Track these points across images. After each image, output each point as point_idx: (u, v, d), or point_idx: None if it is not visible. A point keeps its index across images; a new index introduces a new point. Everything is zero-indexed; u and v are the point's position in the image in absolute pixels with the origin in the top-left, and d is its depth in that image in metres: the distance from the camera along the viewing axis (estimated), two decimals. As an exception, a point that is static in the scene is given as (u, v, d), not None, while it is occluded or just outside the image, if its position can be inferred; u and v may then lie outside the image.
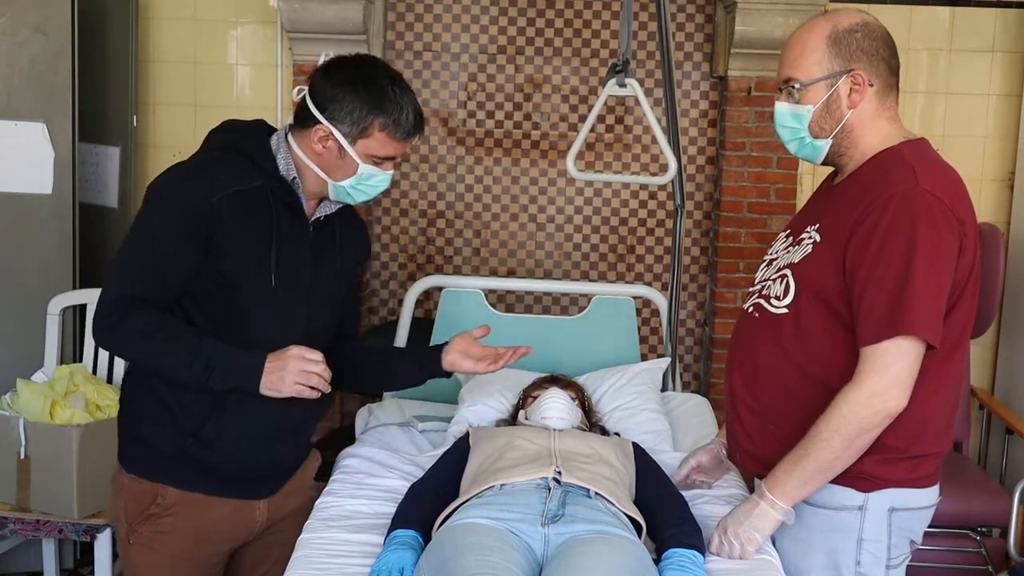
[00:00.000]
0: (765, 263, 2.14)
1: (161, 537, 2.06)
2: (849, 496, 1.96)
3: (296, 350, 1.98)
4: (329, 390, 2.04)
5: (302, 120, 2.03)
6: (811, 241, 1.98)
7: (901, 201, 1.83)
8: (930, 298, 1.82)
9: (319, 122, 1.99)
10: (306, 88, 2.05)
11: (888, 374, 1.83)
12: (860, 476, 1.94)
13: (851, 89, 1.93)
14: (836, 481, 1.94)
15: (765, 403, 2.03)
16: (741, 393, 2.08)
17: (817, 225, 1.99)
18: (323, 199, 2.10)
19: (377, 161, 2.02)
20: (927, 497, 2.01)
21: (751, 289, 2.14)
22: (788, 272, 1.99)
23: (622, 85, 2.71)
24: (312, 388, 1.99)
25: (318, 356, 1.99)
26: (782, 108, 1.99)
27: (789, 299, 1.97)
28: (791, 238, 2.08)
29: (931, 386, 1.90)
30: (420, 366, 2.29)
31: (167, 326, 1.95)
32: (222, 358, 1.95)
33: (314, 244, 2.09)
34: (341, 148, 1.99)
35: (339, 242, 2.15)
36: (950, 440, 2.04)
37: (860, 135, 1.97)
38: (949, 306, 1.87)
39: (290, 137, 2.06)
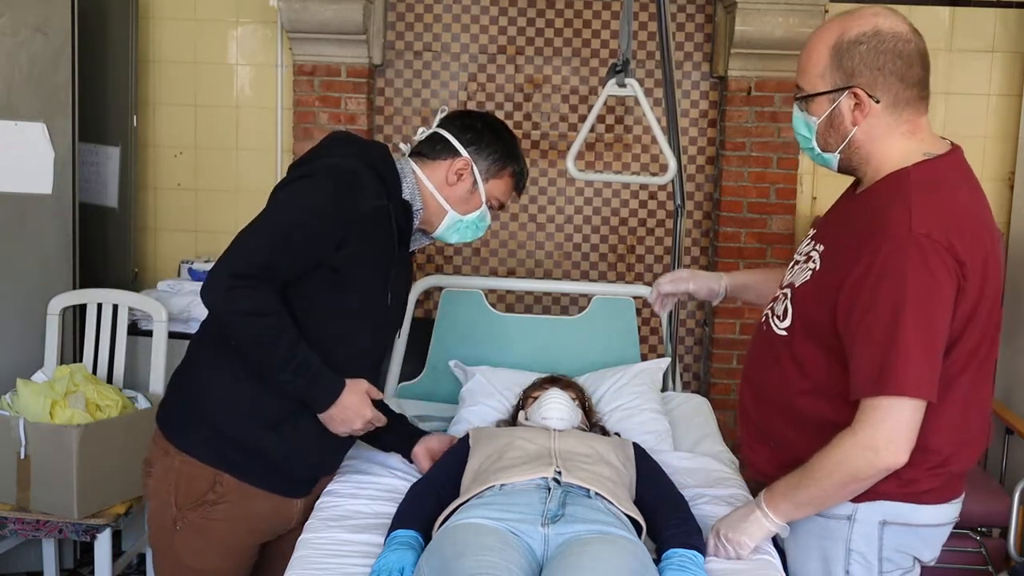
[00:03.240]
0: (792, 264, 2.06)
1: (214, 524, 2.11)
2: (839, 505, 1.93)
3: (369, 414, 2.12)
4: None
5: (431, 154, 2.19)
6: (812, 268, 1.93)
7: (892, 247, 1.74)
8: (920, 352, 1.74)
9: (459, 155, 2.17)
10: (428, 129, 2.23)
11: (883, 428, 1.76)
12: None
13: (854, 105, 1.83)
14: None
15: (766, 419, 2.03)
16: (748, 405, 2.08)
17: (822, 247, 1.94)
18: (416, 231, 2.24)
19: (493, 205, 2.22)
20: (932, 515, 1.95)
21: (775, 295, 2.08)
22: (788, 292, 1.97)
23: (622, 85, 2.71)
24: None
25: (377, 415, 2.15)
26: (797, 115, 1.93)
27: (788, 323, 1.95)
28: (813, 242, 2.01)
29: (928, 420, 1.81)
30: (399, 440, 2.42)
31: (284, 315, 1.99)
32: (312, 368, 2.02)
33: (403, 270, 2.26)
34: (475, 183, 2.16)
35: (410, 269, 2.37)
36: (963, 462, 1.95)
37: (870, 151, 1.86)
38: (950, 343, 1.80)
39: (415, 166, 2.18)
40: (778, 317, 1.98)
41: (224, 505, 2.10)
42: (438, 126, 2.22)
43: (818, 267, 1.91)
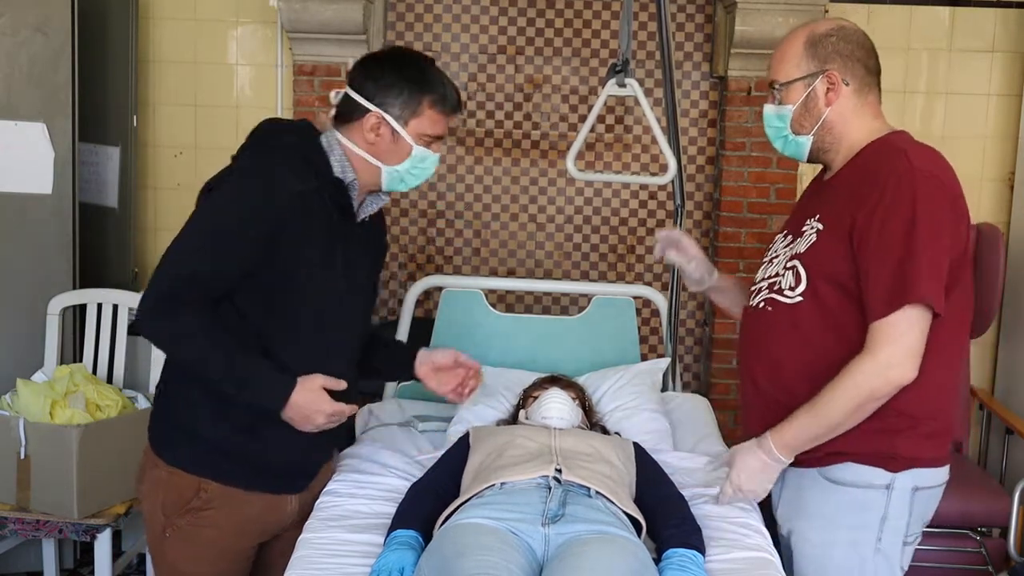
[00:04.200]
0: (766, 261, 2.19)
1: (201, 530, 2.10)
2: (878, 476, 2.00)
3: (329, 408, 2.05)
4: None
5: (347, 116, 2.09)
6: (814, 231, 2.03)
7: (899, 179, 1.91)
8: (932, 267, 1.88)
9: (368, 111, 2.06)
10: (343, 89, 2.11)
11: (902, 344, 1.89)
12: (891, 456, 1.98)
13: (828, 88, 2.04)
14: (865, 461, 2.00)
15: (788, 389, 2.04)
16: (762, 385, 2.10)
17: (817, 216, 2.05)
18: (367, 197, 2.17)
19: (428, 141, 2.10)
20: (942, 475, 2.07)
21: (754, 287, 2.16)
22: (797, 263, 2.04)
23: (622, 85, 2.71)
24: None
25: (345, 410, 2.09)
26: (769, 110, 2.12)
27: (803, 287, 2.02)
28: (790, 236, 2.13)
29: (942, 355, 1.96)
30: (400, 366, 2.39)
31: (213, 331, 1.98)
32: (255, 376, 2.00)
33: (362, 243, 2.18)
34: (394, 132, 2.07)
35: (375, 238, 2.25)
36: (957, 414, 2.13)
37: (842, 131, 2.06)
38: (950, 281, 1.92)
39: (339, 136, 2.11)
40: (789, 288, 2.04)
41: (211, 511, 2.09)
42: (348, 83, 2.11)
43: (821, 228, 2.02)
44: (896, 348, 1.89)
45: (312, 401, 2.04)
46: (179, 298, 1.95)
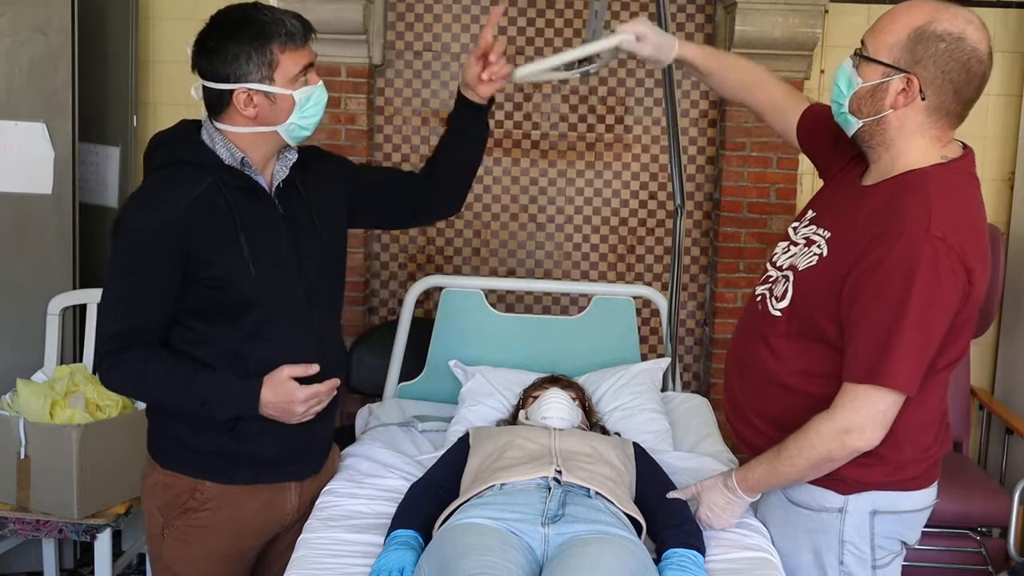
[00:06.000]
0: (788, 242, 2.09)
1: (197, 531, 2.11)
2: (830, 498, 1.98)
3: (301, 395, 2.03)
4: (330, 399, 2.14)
5: (217, 104, 2.03)
6: (818, 253, 1.95)
7: (907, 244, 1.78)
8: (915, 351, 1.80)
9: (232, 91, 1.99)
10: (199, 83, 2.05)
11: (863, 415, 1.85)
12: (839, 478, 1.95)
13: (902, 89, 1.83)
14: (817, 482, 1.98)
15: (748, 396, 2.08)
16: (732, 370, 2.14)
17: (829, 234, 1.96)
18: (275, 164, 2.11)
19: (302, 80, 2.04)
20: (917, 500, 2.00)
21: (768, 269, 2.10)
22: (791, 275, 2.00)
23: (586, 74, 2.58)
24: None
25: (320, 390, 2.06)
26: (845, 68, 1.92)
27: (785, 303, 1.99)
28: (812, 224, 2.04)
29: (915, 412, 1.90)
30: (463, 118, 2.34)
31: (160, 363, 2.01)
32: (217, 393, 2.01)
33: (285, 211, 2.11)
34: (267, 95, 2.00)
35: (307, 191, 2.17)
36: (941, 447, 2.03)
37: (894, 138, 1.89)
38: (946, 342, 1.85)
39: (218, 125, 2.06)
40: (776, 297, 2.01)
41: (207, 512, 2.10)
42: (199, 75, 2.04)
43: (825, 254, 1.94)
44: (856, 417, 1.84)
45: (282, 394, 2.02)
46: (117, 351, 1.99)
